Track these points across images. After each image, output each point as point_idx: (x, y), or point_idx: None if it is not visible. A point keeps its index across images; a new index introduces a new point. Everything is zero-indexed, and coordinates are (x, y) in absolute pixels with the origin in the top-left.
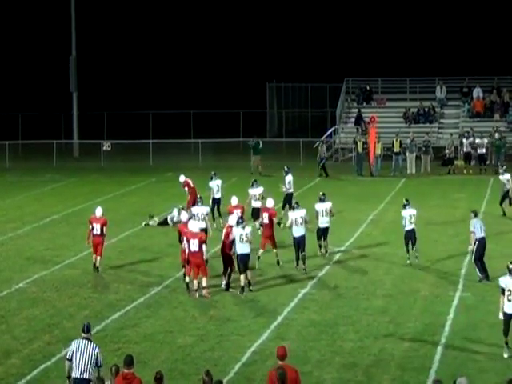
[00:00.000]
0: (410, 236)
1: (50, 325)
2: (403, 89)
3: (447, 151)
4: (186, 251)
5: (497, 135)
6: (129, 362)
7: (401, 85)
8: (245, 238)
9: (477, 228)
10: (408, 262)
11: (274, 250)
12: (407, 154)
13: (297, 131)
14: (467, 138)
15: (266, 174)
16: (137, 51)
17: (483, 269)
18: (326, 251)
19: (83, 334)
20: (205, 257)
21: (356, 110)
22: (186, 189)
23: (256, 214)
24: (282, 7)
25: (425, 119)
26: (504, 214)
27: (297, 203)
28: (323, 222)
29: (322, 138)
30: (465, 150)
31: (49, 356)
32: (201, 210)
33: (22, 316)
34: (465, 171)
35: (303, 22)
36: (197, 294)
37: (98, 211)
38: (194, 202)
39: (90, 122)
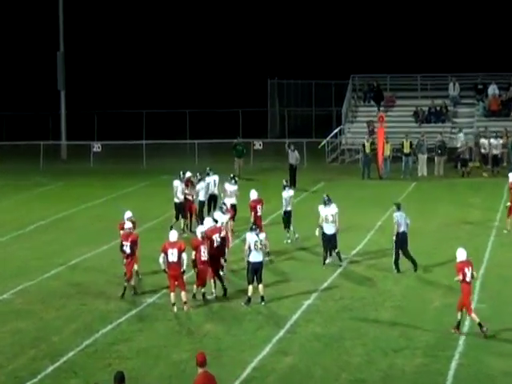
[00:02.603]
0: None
1: (36, 339)
2: (414, 86)
3: (460, 151)
4: (161, 260)
5: None
6: (120, 378)
7: (411, 82)
8: (259, 246)
9: (400, 222)
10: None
11: None
12: (418, 155)
13: (300, 131)
14: (486, 138)
15: (245, 178)
16: (129, 46)
17: (396, 264)
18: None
19: None
20: (183, 268)
21: (363, 109)
22: None
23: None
24: (284, 4)
25: (437, 118)
26: None
27: (329, 199)
28: (329, 228)
29: (327, 139)
30: (482, 150)
31: (35, 373)
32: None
33: (6, 329)
34: (485, 174)
35: (306, 14)
36: (175, 308)
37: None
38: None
39: (79, 121)
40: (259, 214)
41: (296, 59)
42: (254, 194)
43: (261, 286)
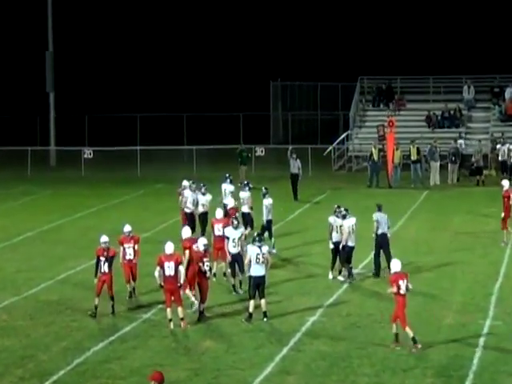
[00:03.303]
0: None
1: (23, 357)
2: (426, 89)
3: (474, 159)
4: (156, 274)
5: None
6: None
7: (423, 84)
8: (261, 259)
9: (380, 222)
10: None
11: (223, 263)
12: (431, 162)
13: (304, 137)
14: (503, 144)
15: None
16: (123, 45)
17: (377, 265)
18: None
19: None
20: (181, 280)
21: (372, 113)
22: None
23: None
24: (287, 3)
25: (450, 123)
26: None
27: (347, 211)
28: (337, 237)
29: (334, 145)
30: (500, 158)
31: None
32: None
33: None
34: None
35: (311, 13)
36: (171, 325)
37: (169, 247)
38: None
39: (69, 126)
40: None
41: (300, 60)
42: (219, 214)
43: (263, 301)
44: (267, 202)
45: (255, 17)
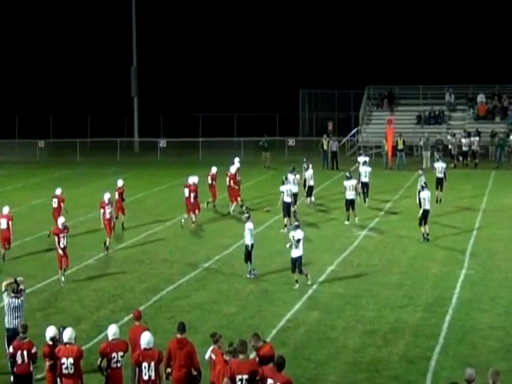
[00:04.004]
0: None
1: (114, 295)
2: (417, 95)
3: (451, 148)
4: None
5: (501, 135)
6: (182, 328)
7: (415, 91)
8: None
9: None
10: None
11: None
12: (423, 152)
13: (325, 131)
14: (465, 138)
15: (272, 168)
16: (189, 62)
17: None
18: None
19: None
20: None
21: (376, 114)
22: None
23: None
24: (313, 27)
25: (435, 121)
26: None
27: (350, 174)
28: (350, 194)
29: (347, 137)
30: (463, 148)
31: (113, 322)
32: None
33: (90, 288)
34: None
35: (331, 38)
36: None
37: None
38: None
39: (149, 122)
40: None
41: (322, 73)
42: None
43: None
44: (251, 225)
45: (289, 43)
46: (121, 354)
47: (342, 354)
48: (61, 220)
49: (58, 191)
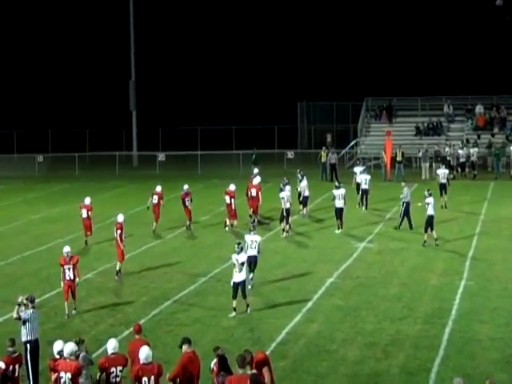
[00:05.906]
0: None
1: (113, 309)
2: (415, 106)
3: (449, 159)
4: None
5: (497, 145)
6: (189, 342)
7: (413, 103)
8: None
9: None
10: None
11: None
12: (422, 163)
13: (324, 143)
14: (461, 149)
15: (269, 181)
16: (187, 76)
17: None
18: (341, 227)
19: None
20: None
21: (375, 126)
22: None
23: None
24: (311, 40)
25: (434, 132)
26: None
27: (339, 183)
28: (339, 203)
29: (346, 149)
30: (461, 160)
31: (113, 337)
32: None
33: (89, 303)
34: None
35: (329, 51)
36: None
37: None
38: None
39: (147, 136)
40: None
41: (320, 85)
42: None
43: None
44: (241, 257)
45: (287, 56)
46: (120, 368)
47: (341, 367)
48: (66, 249)
49: (87, 200)
